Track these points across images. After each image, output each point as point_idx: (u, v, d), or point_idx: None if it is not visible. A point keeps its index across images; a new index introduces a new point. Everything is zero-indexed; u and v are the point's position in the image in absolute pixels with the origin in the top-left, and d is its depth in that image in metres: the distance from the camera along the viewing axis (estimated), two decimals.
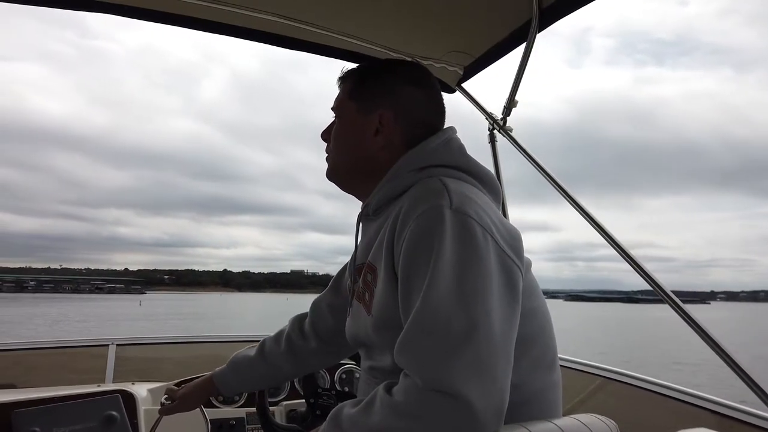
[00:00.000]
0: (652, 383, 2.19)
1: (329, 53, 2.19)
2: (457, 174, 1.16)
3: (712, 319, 1.73)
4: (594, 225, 1.96)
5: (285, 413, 2.35)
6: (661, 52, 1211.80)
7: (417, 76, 1.28)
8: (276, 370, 1.58)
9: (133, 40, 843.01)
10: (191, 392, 1.63)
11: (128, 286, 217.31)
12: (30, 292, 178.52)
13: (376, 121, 1.23)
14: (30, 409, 1.92)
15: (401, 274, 1.03)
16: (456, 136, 1.25)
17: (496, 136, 2.40)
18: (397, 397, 0.93)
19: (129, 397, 2.10)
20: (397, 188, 1.17)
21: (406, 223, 1.03)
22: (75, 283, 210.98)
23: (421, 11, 1.94)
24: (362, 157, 1.25)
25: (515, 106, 2.27)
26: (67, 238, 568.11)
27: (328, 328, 1.53)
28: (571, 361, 2.64)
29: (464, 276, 0.96)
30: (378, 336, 1.12)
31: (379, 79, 1.27)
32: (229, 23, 2.00)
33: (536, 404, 1.12)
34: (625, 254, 1.85)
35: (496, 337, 0.93)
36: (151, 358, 3.04)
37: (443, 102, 1.31)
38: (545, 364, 1.16)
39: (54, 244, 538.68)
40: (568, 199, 2.05)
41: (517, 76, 2.17)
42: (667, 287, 1.71)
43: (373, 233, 1.19)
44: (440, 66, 2.26)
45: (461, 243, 0.98)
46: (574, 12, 1.82)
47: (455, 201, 1.02)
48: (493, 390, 0.90)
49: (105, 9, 1.86)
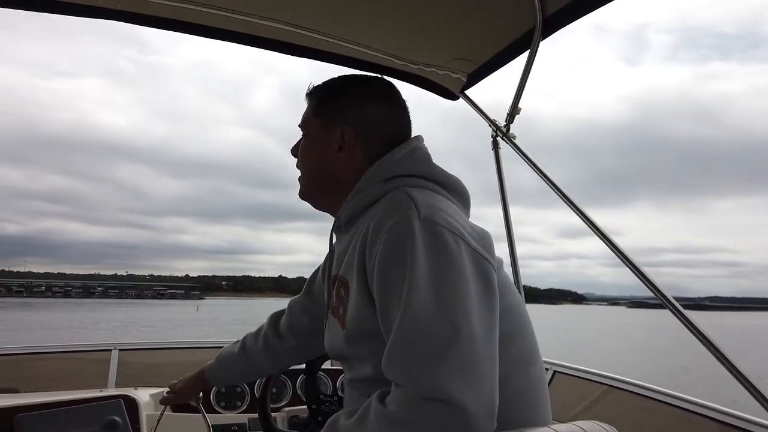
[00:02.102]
0: (656, 391, 2.18)
1: (334, 60, 2.20)
2: (424, 183, 1.18)
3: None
4: (595, 230, 1.97)
5: (287, 419, 2.34)
6: (725, 46, 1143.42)
7: (379, 92, 1.30)
8: (256, 366, 1.69)
9: (189, 54, 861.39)
10: (187, 385, 1.77)
11: (188, 292, 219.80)
12: (96, 298, 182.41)
13: (339, 138, 1.25)
14: (32, 414, 1.92)
15: (377, 289, 1.04)
16: (422, 145, 1.27)
17: (499, 143, 2.41)
18: (391, 407, 0.94)
19: (131, 402, 2.10)
20: (365, 200, 1.19)
21: (377, 238, 1.05)
22: (138, 289, 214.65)
23: (425, 19, 1.95)
24: (327, 174, 1.27)
25: (518, 113, 2.27)
26: (132, 245, 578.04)
27: (302, 328, 1.59)
28: (574, 369, 2.63)
29: (440, 282, 0.97)
30: (351, 348, 1.15)
31: (342, 96, 1.29)
32: (234, 30, 2.01)
33: (522, 399, 1.14)
34: (626, 259, 1.85)
35: (479, 338, 0.95)
36: (153, 363, 3.04)
37: (408, 115, 1.32)
38: (526, 359, 1.18)
39: (120, 252, 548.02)
40: (570, 205, 2.06)
41: (520, 84, 2.18)
42: (668, 293, 1.72)
43: (344, 247, 1.21)
44: (444, 73, 2.27)
45: (433, 251, 1.00)
46: (578, 20, 1.82)
47: (423, 211, 1.04)
48: (483, 390, 0.92)
49: (110, 16, 1.87)
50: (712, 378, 3.72)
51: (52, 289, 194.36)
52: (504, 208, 2.42)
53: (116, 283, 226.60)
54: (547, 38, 1.90)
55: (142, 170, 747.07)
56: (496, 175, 2.47)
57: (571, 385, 2.60)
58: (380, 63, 2.21)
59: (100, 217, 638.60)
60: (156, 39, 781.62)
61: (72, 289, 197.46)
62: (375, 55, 2.17)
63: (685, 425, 2.01)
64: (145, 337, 14.10)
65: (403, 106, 1.32)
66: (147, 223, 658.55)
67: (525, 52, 2.02)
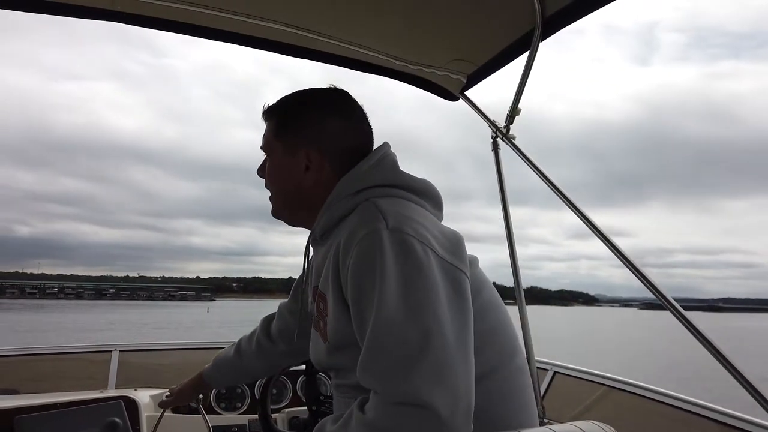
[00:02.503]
0: (655, 392, 2.19)
1: (334, 61, 2.20)
2: (392, 192, 1.20)
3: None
4: (595, 232, 1.96)
5: (287, 420, 2.34)
6: (736, 45, 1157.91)
7: (338, 106, 1.31)
8: (250, 368, 1.73)
9: (198, 57, 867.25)
10: (186, 387, 1.80)
11: (199, 294, 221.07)
12: (108, 299, 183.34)
13: (304, 159, 1.26)
14: (33, 415, 1.92)
15: (351, 300, 1.07)
16: (389, 152, 1.28)
17: (499, 144, 2.41)
18: (368, 414, 0.97)
19: (131, 404, 2.11)
20: (337, 214, 1.21)
21: (348, 251, 1.07)
22: (150, 290, 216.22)
23: (425, 20, 1.95)
24: (298, 195, 1.29)
25: (518, 114, 2.27)
26: (144, 247, 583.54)
27: (291, 331, 1.60)
28: (574, 369, 2.63)
29: (410, 290, 1.00)
30: (333, 359, 1.18)
31: (300, 117, 1.29)
32: (234, 31, 2.01)
33: (508, 391, 1.17)
34: (627, 261, 1.85)
35: (451, 342, 0.97)
36: (154, 365, 3.04)
37: (368, 124, 1.33)
38: (507, 351, 1.21)
39: (132, 253, 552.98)
40: (570, 207, 2.05)
41: (520, 85, 2.18)
42: (668, 294, 1.72)
43: (321, 260, 1.24)
44: (443, 74, 2.27)
45: (402, 260, 1.02)
46: (577, 21, 1.82)
47: (391, 221, 1.06)
48: (457, 393, 0.94)
49: (114, 18, 1.87)
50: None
51: (65, 291, 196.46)
52: (504, 210, 2.42)
53: (128, 284, 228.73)
54: (549, 38, 1.91)
55: (153, 172, 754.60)
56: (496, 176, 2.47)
57: (570, 385, 2.60)
58: (380, 64, 2.21)
59: (112, 219, 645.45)
60: (166, 42, 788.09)
61: (84, 291, 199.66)
62: (375, 56, 2.17)
63: (685, 426, 2.02)
64: (158, 339, 14.01)
65: (363, 116, 1.33)
66: (158, 225, 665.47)
67: (525, 53, 2.02)
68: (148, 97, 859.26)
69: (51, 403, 2.00)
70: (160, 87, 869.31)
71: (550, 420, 1.37)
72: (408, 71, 2.27)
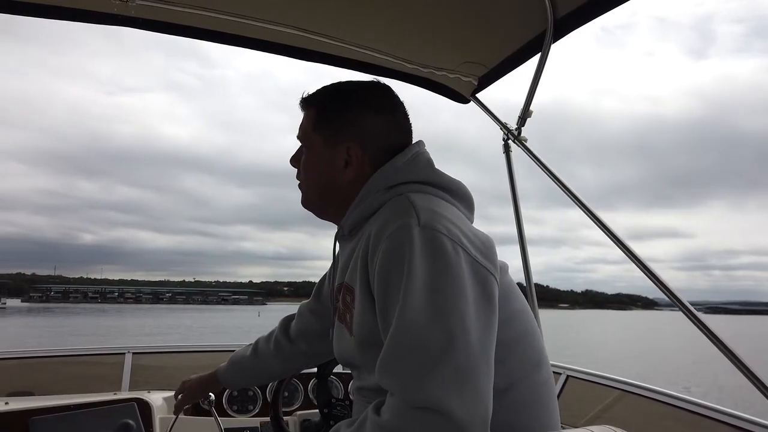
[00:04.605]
0: (669, 396, 2.17)
1: (345, 65, 2.21)
2: (426, 188, 1.17)
3: None
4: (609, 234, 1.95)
5: (299, 423, 2.34)
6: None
7: (381, 101, 1.28)
8: (267, 369, 1.70)
9: (246, 66, 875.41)
10: (198, 384, 1.78)
11: (251, 298, 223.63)
12: (164, 303, 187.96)
13: (344, 154, 1.23)
14: (47, 417, 1.94)
15: (377, 295, 1.04)
16: (424, 150, 1.26)
17: (510, 146, 2.40)
18: (384, 416, 0.95)
19: (145, 406, 2.12)
20: (368, 209, 1.19)
21: (378, 244, 1.05)
22: (204, 294, 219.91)
23: (436, 23, 1.95)
24: (334, 190, 1.26)
25: (530, 116, 2.27)
26: (198, 252, 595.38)
27: (312, 332, 1.59)
28: (587, 373, 2.62)
29: (437, 291, 0.97)
30: (363, 356, 1.13)
31: (342, 111, 1.26)
32: (248, 36, 2.02)
33: (530, 403, 1.14)
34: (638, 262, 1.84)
35: (475, 348, 0.94)
36: (167, 367, 3.05)
37: (408, 119, 1.30)
38: (532, 363, 1.17)
39: (188, 259, 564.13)
40: (583, 208, 2.04)
41: (531, 87, 2.17)
42: (682, 296, 1.71)
43: (348, 254, 1.21)
44: (454, 77, 2.27)
45: (432, 258, 0.99)
46: (589, 22, 1.82)
47: (423, 217, 1.04)
48: (476, 400, 0.91)
49: (110, 21, 1.89)
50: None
51: (124, 296, 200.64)
52: (516, 211, 2.41)
53: (183, 289, 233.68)
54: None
55: (206, 180, 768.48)
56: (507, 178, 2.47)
57: (584, 389, 2.58)
58: (391, 67, 2.22)
59: (168, 225, 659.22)
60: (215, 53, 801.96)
61: (142, 295, 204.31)
62: (386, 59, 2.17)
63: (699, 430, 2.00)
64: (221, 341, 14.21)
65: (404, 112, 1.30)
66: (211, 231, 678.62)
67: (536, 55, 2.01)
68: (199, 106, 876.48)
69: (65, 405, 2.01)
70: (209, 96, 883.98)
71: (565, 425, 1.36)
72: (419, 74, 2.27)
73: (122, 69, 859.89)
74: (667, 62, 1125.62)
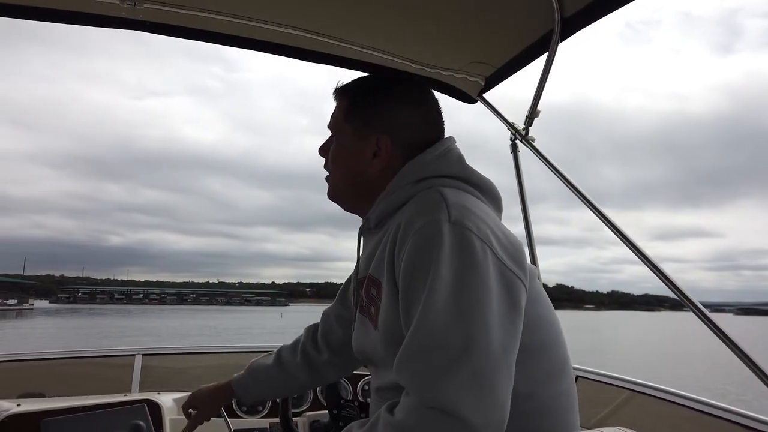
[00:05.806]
0: (680, 396, 2.15)
1: (351, 66, 2.21)
2: (456, 184, 1.16)
3: None
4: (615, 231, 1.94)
5: (308, 424, 2.35)
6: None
7: (411, 95, 1.27)
8: (293, 380, 1.60)
9: (266, 69, 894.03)
10: (211, 399, 1.65)
11: (274, 299, 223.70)
12: (188, 304, 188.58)
13: (374, 145, 1.22)
14: (58, 418, 1.95)
15: (401, 290, 1.03)
16: (455, 146, 1.25)
17: (518, 146, 2.39)
18: (397, 415, 0.94)
19: (155, 407, 2.13)
20: (396, 202, 1.17)
21: (406, 237, 1.03)
22: (227, 296, 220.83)
23: (442, 22, 1.94)
24: (362, 181, 1.25)
25: (537, 115, 2.26)
26: (222, 254, 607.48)
27: (337, 339, 1.54)
28: (598, 373, 2.60)
29: (462, 290, 0.95)
30: (387, 351, 1.10)
31: (374, 102, 1.25)
32: (252, 37, 2.03)
33: (551, 412, 1.11)
34: (648, 261, 1.83)
35: (496, 352, 0.93)
36: (177, 368, 3.07)
37: (441, 115, 1.30)
38: (556, 371, 1.14)
39: (211, 260, 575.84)
40: (592, 209, 2.04)
41: (539, 86, 2.16)
42: (693, 296, 1.69)
43: (374, 246, 1.19)
44: (461, 77, 2.27)
45: (459, 257, 0.98)
46: (597, 21, 1.80)
47: (454, 214, 1.02)
48: (493, 405, 0.90)
49: (117, 24, 1.90)
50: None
51: (149, 297, 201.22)
52: (524, 212, 2.40)
53: (207, 290, 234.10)
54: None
55: (229, 182, 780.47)
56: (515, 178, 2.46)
57: (595, 389, 2.57)
58: (397, 67, 2.21)
59: (192, 227, 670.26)
60: (238, 57, 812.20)
61: (167, 296, 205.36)
62: (392, 60, 2.17)
63: (710, 430, 1.97)
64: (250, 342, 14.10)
65: (437, 108, 1.29)
66: (234, 233, 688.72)
67: (543, 55, 2.00)
68: (222, 110, 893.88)
69: (76, 407, 2.03)
70: (232, 100, 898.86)
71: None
72: (425, 74, 2.27)
73: (147, 73, 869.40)
74: (694, 58, 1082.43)
